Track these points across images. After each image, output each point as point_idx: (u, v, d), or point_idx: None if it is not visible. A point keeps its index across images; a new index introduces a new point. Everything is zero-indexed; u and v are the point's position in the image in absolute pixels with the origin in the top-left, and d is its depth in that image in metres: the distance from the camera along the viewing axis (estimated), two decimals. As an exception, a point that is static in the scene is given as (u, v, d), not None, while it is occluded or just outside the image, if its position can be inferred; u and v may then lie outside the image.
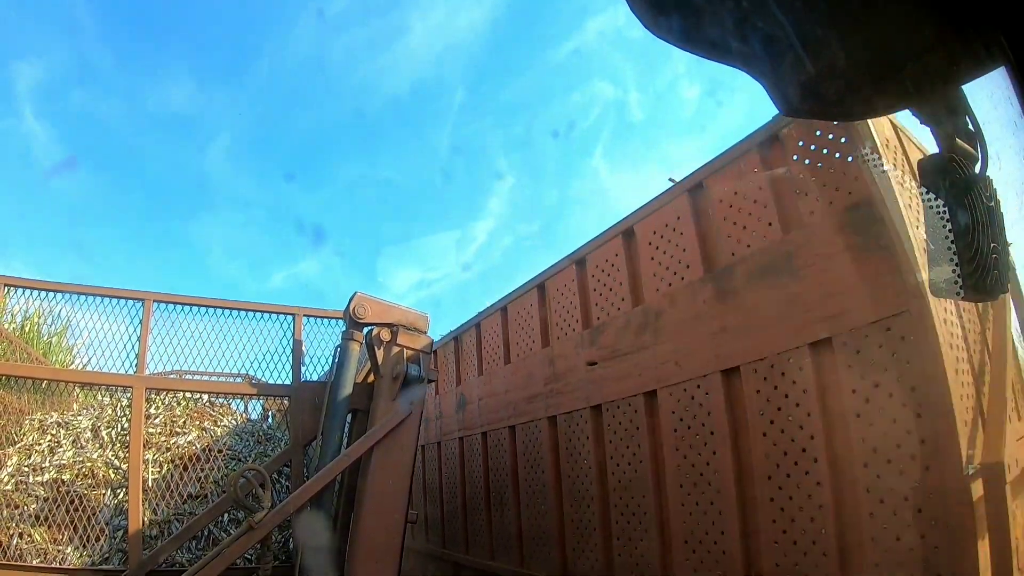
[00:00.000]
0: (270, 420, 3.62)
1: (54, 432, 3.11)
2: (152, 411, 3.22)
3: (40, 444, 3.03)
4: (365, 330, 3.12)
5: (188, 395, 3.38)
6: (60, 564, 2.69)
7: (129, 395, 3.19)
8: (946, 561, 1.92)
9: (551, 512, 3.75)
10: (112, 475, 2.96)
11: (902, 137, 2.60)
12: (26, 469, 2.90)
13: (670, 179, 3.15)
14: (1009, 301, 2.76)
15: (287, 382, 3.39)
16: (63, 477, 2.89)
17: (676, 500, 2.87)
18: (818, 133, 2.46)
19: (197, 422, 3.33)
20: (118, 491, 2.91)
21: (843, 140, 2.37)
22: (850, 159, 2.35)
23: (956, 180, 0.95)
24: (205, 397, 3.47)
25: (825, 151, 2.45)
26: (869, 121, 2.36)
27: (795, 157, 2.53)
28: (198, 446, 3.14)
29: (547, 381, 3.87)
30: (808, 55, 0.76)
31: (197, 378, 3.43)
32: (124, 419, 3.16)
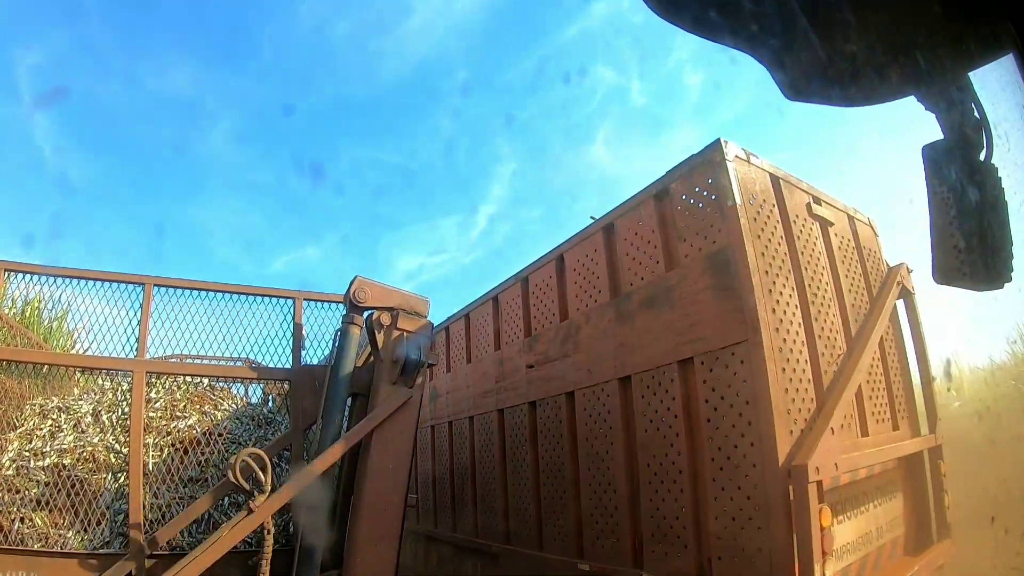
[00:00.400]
0: (270, 404, 3.21)
1: (55, 417, 2.73)
2: (152, 395, 2.88)
3: (41, 429, 2.67)
4: (365, 314, 2.74)
5: (188, 379, 3.00)
6: (61, 548, 2.37)
7: (129, 379, 2.80)
8: (766, 539, 2.12)
9: (498, 490, 3.85)
10: (113, 459, 2.63)
11: (782, 188, 2.68)
12: (27, 454, 2.56)
13: (591, 217, 3.23)
14: (875, 336, 2.83)
15: (287, 366, 2.98)
16: (64, 462, 2.55)
17: (586, 480, 3.05)
18: (696, 189, 2.58)
19: (197, 406, 2.89)
20: (119, 475, 2.60)
21: (713, 197, 2.48)
22: (716, 212, 2.45)
23: (961, 167, 0.82)
24: (205, 381, 3.06)
25: (700, 204, 2.56)
26: (735, 176, 2.42)
27: (679, 208, 2.65)
28: (198, 430, 2.80)
29: (498, 379, 3.94)
30: (814, 38, 0.65)
31: (197, 362, 3.00)
32: (125, 403, 2.79)
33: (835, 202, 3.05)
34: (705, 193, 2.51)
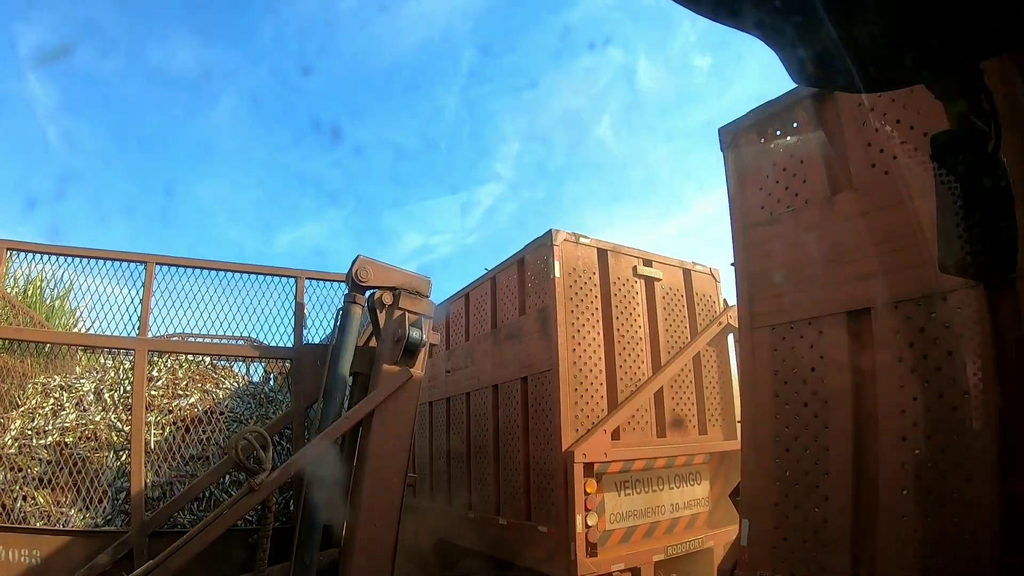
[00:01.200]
0: (272, 383, 3.15)
1: (57, 395, 2.68)
2: (154, 374, 2.80)
3: (43, 407, 2.62)
4: (367, 293, 2.75)
5: (190, 357, 2.93)
6: (63, 526, 2.33)
7: (132, 358, 2.74)
8: (554, 497, 3.17)
9: (427, 466, 4.89)
10: (115, 437, 2.58)
11: (608, 258, 3.61)
12: (29, 432, 2.51)
13: (485, 268, 4.22)
14: (678, 364, 3.75)
15: (289, 345, 2.95)
16: (66, 440, 2.51)
17: (474, 459, 4.07)
18: (537, 261, 3.56)
19: (199, 384, 2.82)
20: (120, 453, 2.54)
21: (545, 270, 3.45)
22: (545, 281, 3.44)
23: (968, 158, 0.80)
24: (207, 359, 2.98)
25: (538, 273, 3.55)
26: (559, 256, 3.40)
27: (528, 273, 3.66)
28: (200, 408, 2.75)
29: (430, 379, 4.89)
30: (825, 23, 0.63)
31: (199, 341, 2.97)
32: (126, 382, 2.73)
33: (669, 260, 4.00)
34: (541, 266, 3.50)
